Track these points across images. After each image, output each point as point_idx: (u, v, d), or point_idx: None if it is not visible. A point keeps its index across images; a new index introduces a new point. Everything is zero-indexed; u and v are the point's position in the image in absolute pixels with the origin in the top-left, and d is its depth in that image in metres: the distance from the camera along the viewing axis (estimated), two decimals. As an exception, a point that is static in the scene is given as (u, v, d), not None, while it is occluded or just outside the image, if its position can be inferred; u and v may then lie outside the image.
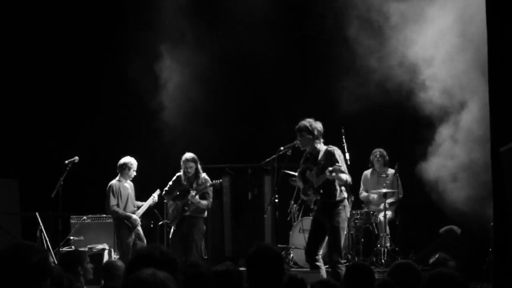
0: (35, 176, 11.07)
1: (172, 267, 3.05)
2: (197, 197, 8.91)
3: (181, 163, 9.10)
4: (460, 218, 8.88)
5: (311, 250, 7.57)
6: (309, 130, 7.57)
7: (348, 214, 7.74)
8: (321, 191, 7.52)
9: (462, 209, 8.71)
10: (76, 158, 9.33)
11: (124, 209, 9.31)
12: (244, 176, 11.43)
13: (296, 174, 9.12)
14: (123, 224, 9.27)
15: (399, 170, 9.68)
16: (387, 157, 10.11)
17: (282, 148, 8.12)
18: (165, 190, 9.29)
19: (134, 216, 9.29)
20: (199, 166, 9.08)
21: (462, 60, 8.86)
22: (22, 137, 11.52)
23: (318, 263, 7.52)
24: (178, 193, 9.11)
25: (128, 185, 9.50)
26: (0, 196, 11.15)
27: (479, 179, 8.31)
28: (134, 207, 9.46)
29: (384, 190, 9.63)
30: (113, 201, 9.27)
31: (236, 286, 3.86)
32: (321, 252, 7.60)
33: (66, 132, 11.62)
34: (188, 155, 9.08)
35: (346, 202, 7.58)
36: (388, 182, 9.90)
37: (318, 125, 7.61)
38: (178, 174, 9.23)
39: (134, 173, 9.46)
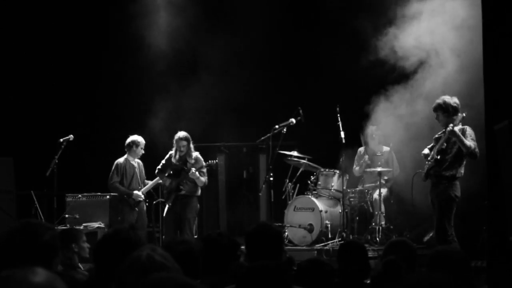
0: (30, 155, 11.04)
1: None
2: (197, 173, 8.91)
3: (174, 142, 9.11)
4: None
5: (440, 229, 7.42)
6: (443, 108, 7.46)
7: (458, 193, 7.45)
8: (440, 159, 7.43)
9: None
10: (71, 136, 9.32)
11: (129, 187, 9.34)
12: (239, 155, 11.43)
13: (289, 153, 9.10)
14: (124, 201, 9.32)
15: (394, 147, 9.63)
16: (382, 135, 9.91)
17: (277, 126, 8.11)
18: (158, 169, 9.29)
19: (136, 192, 9.31)
20: (192, 145, 9.09)
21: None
22: (17, 115, 11.47)
23: (449, 239, 7.29)
24: (171, 171, 9.11)
25: (136, 163, 9.52)
26: (-5, 174, 11.13)
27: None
28: (140, 186, 9.48)
29: (379, 169, 9.59)
30: (115, 178, 9.31)
31: (226, 249, 3.85)
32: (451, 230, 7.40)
33: (61, 110, 11.56)
34: (181, 133, 9.08)
35: (457, 181, 7.42)
36: (383, 160, 9.75)
37: (453, 101, 7.50)
38: (170, 152, 9.23)
39: (142, 151, 9.47)
